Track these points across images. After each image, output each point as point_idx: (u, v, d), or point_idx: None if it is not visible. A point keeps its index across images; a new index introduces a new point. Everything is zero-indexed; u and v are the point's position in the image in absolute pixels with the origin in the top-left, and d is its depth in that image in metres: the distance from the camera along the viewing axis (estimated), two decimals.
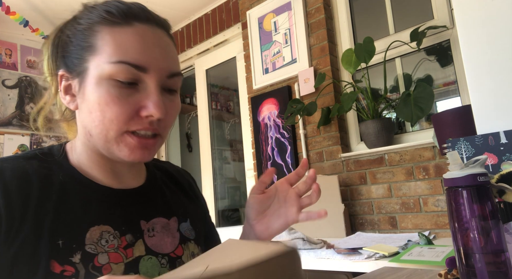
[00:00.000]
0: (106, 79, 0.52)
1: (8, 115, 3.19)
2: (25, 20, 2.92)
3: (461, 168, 0.57)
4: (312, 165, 2.21)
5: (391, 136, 1.93)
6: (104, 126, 0.53)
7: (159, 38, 0.56)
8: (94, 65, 0.53)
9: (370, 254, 1.34)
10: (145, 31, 0.54)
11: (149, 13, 0.57)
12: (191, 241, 0.66)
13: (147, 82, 0.54)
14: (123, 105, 0.52)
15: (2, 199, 0.49)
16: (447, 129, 1.27)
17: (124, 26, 0.53)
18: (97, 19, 0.55)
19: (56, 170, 0.56)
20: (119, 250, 0.55)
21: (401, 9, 2.10)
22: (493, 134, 0.83)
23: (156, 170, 0.71)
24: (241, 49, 2.79)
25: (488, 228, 0.55)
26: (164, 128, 0.57)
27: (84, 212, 0.54)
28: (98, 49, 0.53)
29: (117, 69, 0.52)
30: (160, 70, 0.54)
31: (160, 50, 0.55)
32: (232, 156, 3.85)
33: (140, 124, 0.53)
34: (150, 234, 0.60)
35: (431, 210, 1.75)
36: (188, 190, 0.75)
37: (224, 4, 2.95)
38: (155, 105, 0.52)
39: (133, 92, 0.53)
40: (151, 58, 0.53)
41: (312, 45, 2.28)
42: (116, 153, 0.55)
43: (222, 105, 3.99)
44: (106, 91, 0.52)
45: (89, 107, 0.54)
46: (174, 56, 0.58)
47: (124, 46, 0.52)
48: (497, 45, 0.96)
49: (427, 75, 2.03)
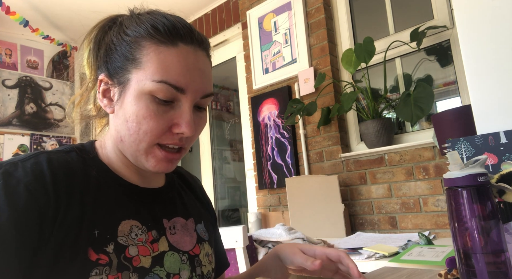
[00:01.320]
0: (146, 95, 0.55)
1: (8, 115, 3.19)
2: (25, 20, 2.92)
3: (461, 168, 0.57)
4: (312, 165, 2.21)
5: (391, 136, 1.93)
6: (138, 137, 0.56)
7: (200, 60, 0.58)
8: (136, 79, 0.56)
9: (370, 254, 1.34)
10: (188, 53, 0.57)
11: (193, 33, 0.59)
12: (206, 242, 0.70)
13: (183, 102, 0.57)
14: (159, 121, 0.56)
15: (52, 183, 0.52)
16: (447, 129, 1.27)
17: (169, 46, 0.56)
18: (144, 34, 0.57)
19: (90, 164, 0.59)
20: (147, 244, 0.58)
21: (401, 9, 2.10)
22: (493, 134, 0.83)
23: (172, 173, 0.74)
24: (241, 49, 2.79)
25: (488, 228, 0.55)
26: (190, 143, 0.60)
27: (116, 206, 0.57)
28: (143, 64, 0.56)
29: (158, 87, 0.55)
30: (196, 91, 0.57)
31: (199, 72, 0.58)
32: (232, 156, 3.85)
33: (170, 140, 0.57)
34: (172, 231, 0.63)
35: (431, 210, 1.75)
36: (200, 196, 0.79)
37: (224, 4, 2.95)
38: (187, 125, 0.56)
39: (169, 109, 0.56)
40: (190, 81, 0.56)
41: (312, 45, 2.28)
42: (142, 162, 0.58)
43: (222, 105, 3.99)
44: (145, 105, 0.55)
45: (126, 117, 0.57)
46: (210, 78, 0.61)
47: (168, 67, 0.55)
48: (497, 45, 0.96)
49: (427, 75, 2.03)
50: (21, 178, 0.50)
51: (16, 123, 3.22)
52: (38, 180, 0.51)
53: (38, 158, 0.54)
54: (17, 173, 0.50)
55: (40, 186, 0.50)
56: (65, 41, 3.48)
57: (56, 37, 3.35)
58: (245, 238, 1.32)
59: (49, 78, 3.49)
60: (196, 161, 3.46)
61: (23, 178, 0.50)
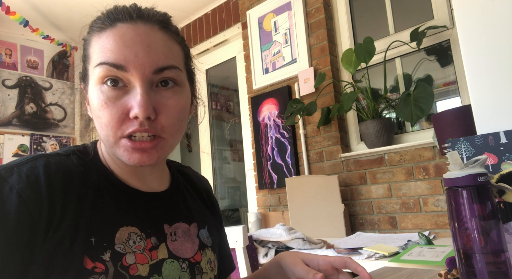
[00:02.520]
0: (95, 85, 0.54)
1: (8, 115, 3.19)
2: (25, 20, 2.92)
3: (461, 168, 0.57)
4: (312, 165, 2.21)
5: (391, 136, 1.93)
6: (104, 132, 0.54)
7: (142, 34, 0.54)
8: (90, 73, 0.55)
9: (370, 254, 1.34)
10: (126, 30, 0.54)
11: (135, 10, 0.55)
12: (209, 248, 0.67)
13: (132, 82, 0.53)
14: (112, 109, 0.52)
15: (47, 189, 0.50)
16: (447, 129, 1.27)
17: (107, 30, 0.54)
18: (92, 31, 0.57)
19: (92, 168, 0.58)
20: (145, 252, 0.56)
21: (401, 9, 2.10)
22: (493, 134, 0.83)
23: (179, 174, 0.72)
24: (241, 49, 2.79)
25: (488, 228, 0.55)
26: (162, 129, 0.54)
27: (115, 212, 0.56)
28: (91, 57, 0.55)
29: (100, 71, 0.52)
30: (141, 66, 0.52)
31: (142, 46, 0.53)
32: (232, 156, 3.85)
33: (131, 127, 0.52)
34: (173, 238, 0.61)
35: (431, 210, 1.75)
36: (206, 198, 0.76)
37: (224, 4, 2.95)
38: (138, 105, 0.51)
39: (122, 94, 0.53)
40: (132, 56, 0.52)
41: (312, 45, 2.28)
42: (120, 157, 0.55)
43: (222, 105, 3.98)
44: (97, 97, 0.53)
45: (93, 115, 0.56)
46: (162, 49, 0.55)
47: (105, 48, 0.53)
48: (497, 45, 0.96)
49: (427, 75, 2.03)
50: (15, 184, 0.48)
51: (16, 123, 3.22)
52: (32, 186, 0.49)
53: (35, 162, 0.52)
54: (11, 179, 0.49)
55: (33, 192, 0.49)
56: (65, 41, 3.48)
57: (56, 37, 3.35)
58: (245, 238, 1.32)
59: (49, 78, 3.49)
60: (196, 161, 3.46)
61: (16, 184, 0.48)
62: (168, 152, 0.58)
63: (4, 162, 3.14)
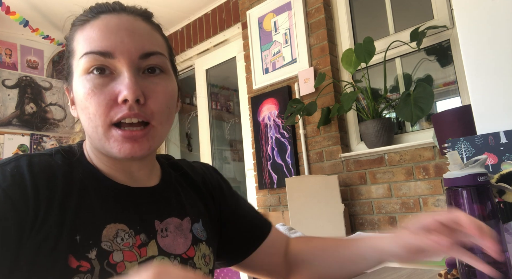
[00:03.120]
0: (82, 75, 0.53)
1: (8, 115, 3.19)
2: (25, 20, 2.92)
3: (461, 168, 0.57)
4: (312, 165, 2.21)
5: (391, 136, 1.93)
6: (92, 123, 0.53)
7: (126, 22, 0.55)
8: (74, 67, 0.55)
9: None
10: (110, 19, 0.55)
11: (118, 4, 0.57)
12: (203, 242, 0.66)
13: (119, 68, 0.53)
14: (100, 96, 0.52)
15: (32, 187, 0.50)
16: (447, 129, 1.27)
17: (90, 21, 0.55)
18: (75, 26, 0.57)
19: (76, 166, 0.57)
20: (134, 249, 0.55)
21: (401, 9, 2.10)
22: (493, 134, 0.83)
23: (171, 169, 0.70)
24: (241, 49, 2.79)
25: None
26: (152, 115, 0.54)
27: (101, 209, 0.55)
28: (75, 50, 0.55)
29: (86, 61, 0.52)
30: (128, 52, 0.53)
31: (126, 32, 0.54)
32: (232, 156, 3.85)
33: (120, 112, 0.52)
34: (163, 234, 0.60)
35: (431, 210, 1.75)
36: (202, 188, 0.73)
37: (224, 4, 2.95)
38: (126, 86, 0.51)
39: (109, 81, 0.53)
40: (116, 42, 0.53)
41: (312, 45, 2.28)
42: (109, 150, 0.54)
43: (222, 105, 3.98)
44: (83, 86, 0.53)
45: (79, 109, 0.55)
46: (146, 36, 0.56)
47: (90, 38, 0.53)
48: (497, 45, 0.96)
49: (427, 75, 2.03)
50: (0, 183, 0.48)
51: (16, 123, 3.22)
52: (17, 184, 0.49)
53: (19, 161, 0.52)
54: None
55: (19, 190, 0.49)
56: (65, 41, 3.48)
57: (56, 37, 3.35)
58: None
59: (49, 78, 3.49)
60: None
61: (1, 182, 0.48)
62: (159, 143, 0.57)
63: None
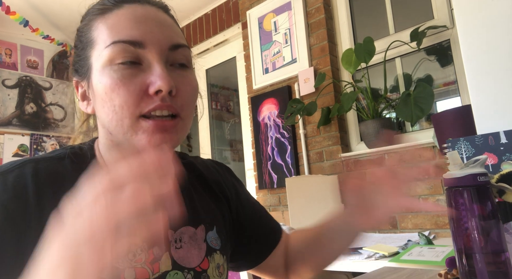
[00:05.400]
0: (107, 66, 0.50)
1: (8, 115, 3.19)
2: (25, 20, 2.92)
3: (461, 168, 0.57)
4: (312, 165, 2.21)
5: None
6: (117, 116, 0.49)
7: (152, 13, 0.54)
8: (95, 58, 0.52)
9: (370, 254, 1.34)
10: (136, 9, 0.53)
11: None
12: (217, 252, 0.63)
13: (149, 58, 0.51)
14: (129, 87, 0.49)
15: (35, 200, 0.47)
16: (447, 129, 1.27)
17: (114, 10, 0.53)
18: (92, 15, 0.55)
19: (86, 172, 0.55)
20: (146, 265, 0.52)
21: (401, 9, 2.10)
22: (493, 134, 0.83)
23: (186, 170, 0.67)
24: (241, 49, 2.79)
25: (488, 228, 0.55)
26: (181, 107, 0.52)
27: None
28: (96, 40, 0.52)
29: (114, 50, 0.50)
30: (158, 42, 0.51)
31: (155, 23, 0.52)
32: (232, 156, 3.85)
33: (151, 104, 0.49)
34: (177, 245, 0.57)
35: (431, 210, 1.75)
36: (216, 191, 0.70)
37: (224, 4, 2.95)
38: (160, 77, 0.48)
39: (137, 72, 0.50)
40: (146, 31, 0.51)
41: (312, 45, 2.28)
42: (136, 142, 0.50)
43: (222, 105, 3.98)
44: (109, 77, 0.49)
45: (100, 102, 0.51)
46: (173, 28, 0.55)
47: (116, 27, 0.51)
48: (497, 45, 0.96)
49: (427, 75, 2.03)
50: (0, 194, 0.46)
51: (16, 123, 3.22)
52: (18, 197, 0.46)
53: (23, 168, 0.49)
54: None
55: (20, 204, 0.46)
56: (65, 41, 3.48)
57: (56, 37, 3.35)
58: None
59: (49, 78, 3.49)
60: None
61: (1, 194, 0.46)
62: (184, 137, 0.55)
63: (4, 162, 3.14)
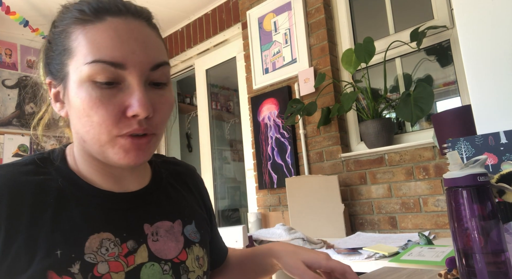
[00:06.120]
0: (86, 82, 0.50)
1: (8, 115, 3.19)
2: (25, 20, 2.92)
3: (461, 168, 0.57)
4: (312, 165, 2.21)
5: (391, 136, 1.93)
6: (94, 131, 0.51)
7: (135, 30, 0.52)
8: (73, 69, 0.51)
9: (370, 254, 1.34)
10: (118, 25, 0.51)
11: (122, 4, 0.53)
12: (196, 244, 0.64)
13: (129, 80, 0.50)
14: (108, 107, 0.49)
15: None
16: (447, 129, 1.27)
17: (96, 23, 0.51)
18: (70, 20, 0.53)
19: (54, 175, 0.55)
20: (120, 259, 0.53)
21: (401, 9, 2.10)
22: (493, 134, 0.83)
23: (162, 169, 0.69)
24: (241, 49, 2.79)
25: (488, 228, 0.55)
26: (156, 126, 0.53)
27: (83, 219, 0.53)
28: (74, 51, 0.51)
29: (94, 69, 0.49)
30: (140, 64, 0.51)
31: (137, 42, 0.51)
32: (232, 156, 3.85)
33: (129, 126, 0.50)
34: (154, 238, 0.58)
35: (431, 210, 1.75)
36: (193, 189, 0.73)
37: (224, 4, 2.95)
38: (139, 104, 0.49)
39: (116, 92, 0.50)
40: (128, 52, 0.50)
41: (312, 45, 2.28)
42: (111, 156, 0.52)
43: (222, 105, 3.99)
44: (88, 94, 0.49)
45: (76, 113, 0.52)
46: (155, 46, 0.54)
47: (98, 44, 0.50)
48: (497, 45, 0.96)
49: (427, 75, 2.03)
50: None
51: (16, 123, 3.22)
52: None
53: None
54: None
55: None
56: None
57: None
58: (245, 238, 1.32)
59: None
60: (196, 161, 3.46)
61: None
62: (156, 149, 0.58)
63: (4, 162, 3.15)
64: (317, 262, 0.66)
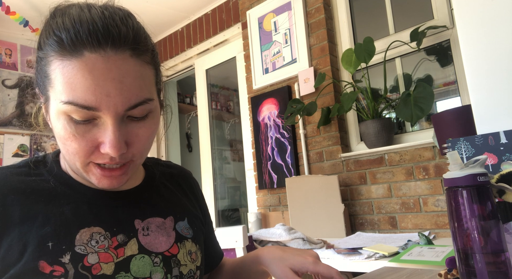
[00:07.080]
0: (62, 115, 0.50)
1: (8, 115, 3.19)
2: (25, 20, 2.92)
3: (461, 168, 0.57)
4: (312, 165, 2.21)
5: (391, 136, 1.93)
6: (70, 157, 0.53)
7: (113, 68, 0.49)
8: (53, 98, 0.51)
9: (370, 254, 1.34)
10: (95, 63, 0.48)
11: (102, 35, 0.48)
12: (188, 240, 0.66)
13: (104, 118, 0.50)
14: (81, 143, 0.51)
15: None
16: (447, 129, 1.27)
17: (72, 59, 0.48)
18: (50, 48, 0.50)
19: (47, 176, 0.58)
20: (110, 250, 0.55)
21: (401, 9, 2.10)
22: (493, 134, 0.83)
23: (156, 170, 0.71)
24: (241, 49, 2.79)
25: (488, 228, 0.55)
26: (133, 156, 0.54)
27: (74, 215, 0.55)
28: (53, 82, 0.50)
29: (68, 109, 0.49)
30: (114, 106, 0.49)
31: (114, 83, 0.48)
32: (232, 156, 3.86)
33: (101, 159, 0.52)
34: (145, 232, 0.60)
35: (431, 210, 1.75)
36: (187, 191, 0.75)
37: (224, 4, 2.95)
38: (110, 145, 0.50)
39: (91, 127, 0.51)
40: (102, 95, 0.48)
41: (312, 45, 2.28)
42: (88, 178, 0.55)
43: (222, 105, 3.99)
44: (63, 127, 0.51)
45: (56, 135, 0.54)
46: (135, 84, 0.50)
47: (72, 85, 0.48)
48: (497, 45, 0.96)
49: (427, 75, 2.03)
50: None
51: (16, 123, 3.22)
52: None
53: None
54: None
55: None
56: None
57: None
58: (245, 238, 1.32)
59: None
60: (196, 161, 3.46)
61: None
62: (136, 169, 0.60)
63: (4, 162, 3.15)
64: (304, 267, 0.66)
